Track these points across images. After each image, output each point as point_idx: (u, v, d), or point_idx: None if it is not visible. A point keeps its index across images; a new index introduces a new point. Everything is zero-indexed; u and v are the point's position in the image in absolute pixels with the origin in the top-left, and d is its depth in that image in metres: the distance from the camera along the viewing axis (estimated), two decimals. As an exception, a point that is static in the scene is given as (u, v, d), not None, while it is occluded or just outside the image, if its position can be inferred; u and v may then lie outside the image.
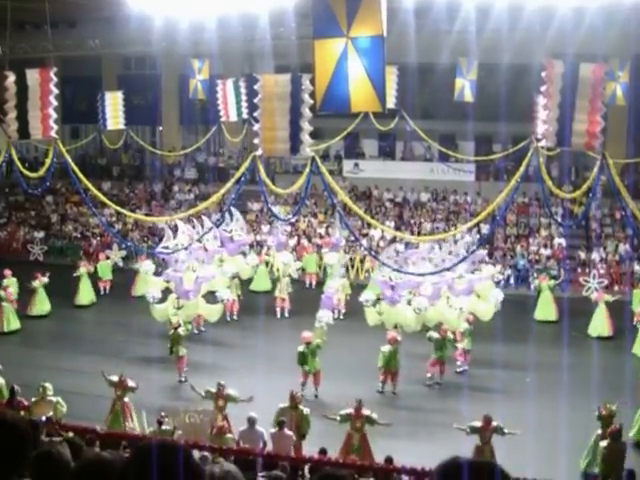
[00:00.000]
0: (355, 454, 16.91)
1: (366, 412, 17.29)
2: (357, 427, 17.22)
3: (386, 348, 22.11)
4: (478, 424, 16.69)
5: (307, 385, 21.87)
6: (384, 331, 23.66)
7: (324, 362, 22.65)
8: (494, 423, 16.68)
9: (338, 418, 17.46)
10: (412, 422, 20.51)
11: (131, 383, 18.95)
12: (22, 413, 16.56)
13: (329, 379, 22.29)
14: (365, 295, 25.29)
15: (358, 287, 29.33)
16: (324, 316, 23.38)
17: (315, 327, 23.11)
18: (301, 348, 21.79)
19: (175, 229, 29.07)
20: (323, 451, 15.42)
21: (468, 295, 25.41)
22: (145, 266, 28.74)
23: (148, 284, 28.38)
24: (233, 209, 30.59)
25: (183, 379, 22.98)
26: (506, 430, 16.67)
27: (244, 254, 30.82)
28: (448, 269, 24.25)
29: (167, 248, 27.53)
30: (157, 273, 28.34)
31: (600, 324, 27.57)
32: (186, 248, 26.68)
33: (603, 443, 16.50)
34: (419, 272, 24.40)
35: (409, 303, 24.51)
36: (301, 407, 17.78)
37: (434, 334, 22.99)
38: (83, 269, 31.18)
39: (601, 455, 16.51)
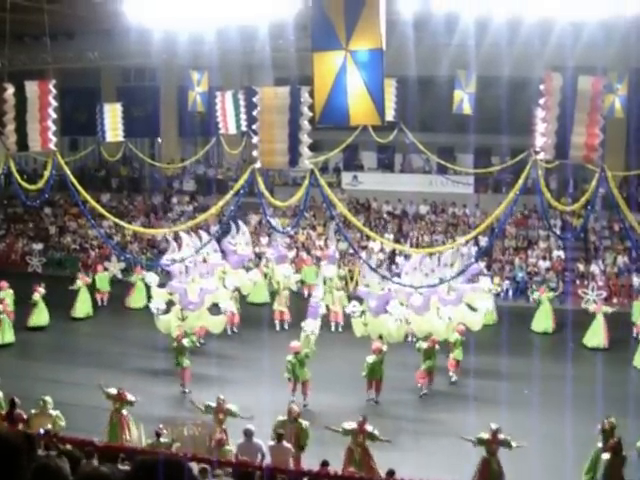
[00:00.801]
0: (356, 467, 16.87)
1: (369, 428, 17.24)
2: (359, 442, 17.18)
3: (370, 358, 22.21)
4: (485, 436, 16.62)
5: (296, 394, 21.92)
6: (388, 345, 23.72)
7: (321, 373, 22.73)
8: (501, 436, 16.61)
9: (341, 430, 17.43)
10: (411, 433, 20.48)
11: (130, 397, 18.87)
12: (20, 426, 16.55)
13: (325, 390, 22.32)
14: (352, 306, 25.38)
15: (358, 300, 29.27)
16: (309, 325, 23.43)
17: (301, 337, 23.14)
18: (289, 357, 21.85)
19: (176, 240, 29.16)
20: (325, 463, 15.38)
21: (457, 305, 25.50)
22: (149, 277, 28.69)
23: (149, 296, 28.44)
24: (240, 222, 30.68)
25: (187, 390, 22.97)
26: (514, 443, 16.60)
27: (246, 268, 30.76)
28: (445, 282, 24.31)
29: (173, 260, 27.53)
30: (160, 285, 28.31)
31: (596, 336, 27.59)
32: (183, 260, 26.69)
33: (605, 456, 16.47)
34: (414, 284, 24.49)
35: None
36: (300, 420, 17.75)
37: (423, 344, 23.07)
38: (81, 282, 31.10)
39: (603, 468, 16.48)
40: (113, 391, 18.93)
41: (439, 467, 18.08)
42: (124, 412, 18.72)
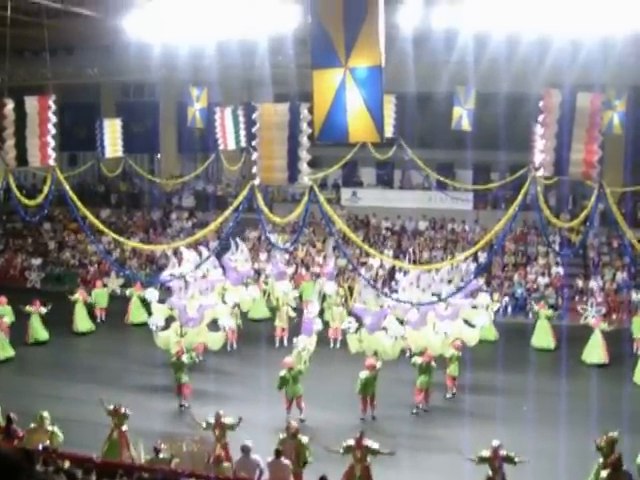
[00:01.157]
0: None
1: (367, 443, 17.16)
2: (358, 458, 17.07)
3: (363, 374, 22.13)
4: (486, 454, 16.47)
5: (293, 410, 21.86)
6: (384, 362, 23.67)
7: (319, 389, 22.82)
8: (503, 452, 16.47)
9: (341, 450, 17.35)
10: (408, 449, 20.30)
11: (124, 410, 18.80)
12: (16, 442, 16.47)
13: (323, 407, 22.27)
14: (347, 323, 25.36)
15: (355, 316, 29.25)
16: (301, 341, 23.36)
17: (293, 353, 23.11)
18: (282, 373, 21.78)
19: (176, 255, 29.19)
20: (323, 478, 15.35)
21: (453, 320, 25.52)
22: (150, 293, 28.59)
23: (149, 312, 28.44)
24: (239, 240, 30.67)
25: (186, 405, 22.94)
26: (517, 459, 16.45)
27: (245, 285, 30.74)
28: (445, 299, 24.35)
29: (172, 276, 27.52)
30: (160, 301, 28.26)
31: (596, 351, 27.55)
32: (183, 276, 26.73)
33: (604, 473, 16.40)
34: (411, 299, 24.54)
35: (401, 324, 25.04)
36: (300, 436, 17.69)
37: (418, 359, 23.01)
38: (78, 295, 31.13)
39: None
40: (111, 407, 18.88)
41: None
42: (124, 428, 18.64)
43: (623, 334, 28.77)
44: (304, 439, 17.62)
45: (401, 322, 25.31)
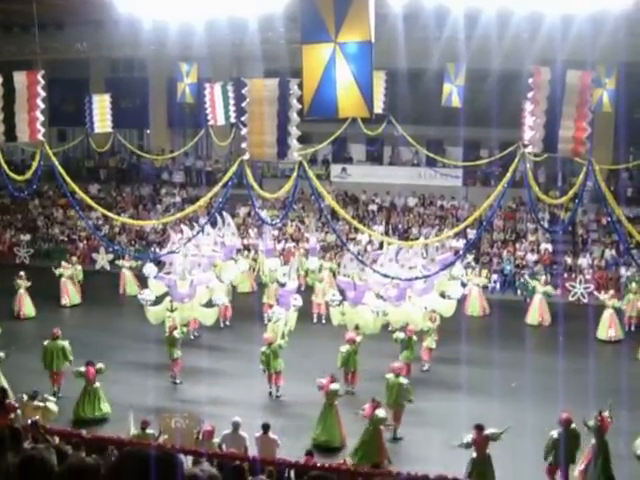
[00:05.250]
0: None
1: (332, 386, 18.65)
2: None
3: (344, 348, 22.33)
4: (470, 437, 16.44)
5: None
6: (365, 335, 23.77)
7: (302, 364, 23.04)
8: (486, 432, 16.48)
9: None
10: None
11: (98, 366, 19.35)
12: (12, 415, 16.51)
13: (306, 381, 22.14)
14: (331, 295, 25.43)
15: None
16: (276, 313, 23.40)
17: (268, 326, 23.25)
18: (263, 348, 21.95)
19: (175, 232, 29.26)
20: (309, 453, 15.47)
21: (429, 293, 25.58)
22: (147, 269, 28.46)
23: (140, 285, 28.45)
24: (224, 213, 30.63)
25: (178, 381, 23.05)
26: (499, 431, 16.43)
27: (235, 260, 30.78)
28: (428, 276, 24.40)
29: (173, 252, 27.51)
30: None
31: (608, 328, 27.73)
32: (174, 252, 26.74)
33: (554, 432, 16.58)
34: (401, 276, 24.56)
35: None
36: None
37: (400, 335, 23.15)
38: (62, 270, 31.14)
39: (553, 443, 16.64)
40: (82, 369, 19.25)
41: (422, 457, 18.07)
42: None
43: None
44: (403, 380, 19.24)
45: (380, 298, 25.37)
